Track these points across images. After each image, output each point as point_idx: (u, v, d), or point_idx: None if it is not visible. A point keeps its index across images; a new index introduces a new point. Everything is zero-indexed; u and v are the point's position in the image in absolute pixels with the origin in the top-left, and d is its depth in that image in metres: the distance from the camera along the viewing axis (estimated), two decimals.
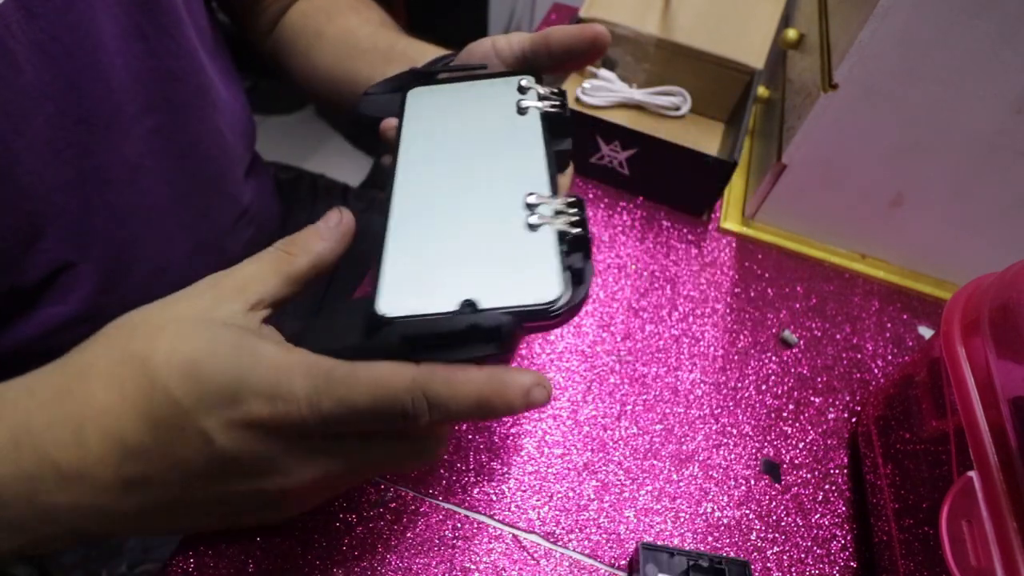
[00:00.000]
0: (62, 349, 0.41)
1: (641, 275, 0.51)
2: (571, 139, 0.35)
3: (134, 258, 0.43)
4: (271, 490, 0.24)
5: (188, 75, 0.42)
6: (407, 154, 0.35)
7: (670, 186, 0.55)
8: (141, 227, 0.42)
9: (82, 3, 0.34)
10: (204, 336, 0.23)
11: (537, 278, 0.26)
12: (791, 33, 0.56)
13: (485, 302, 0.25)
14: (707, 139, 0.61)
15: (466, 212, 0.30)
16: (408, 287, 0.27)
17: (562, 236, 0.28)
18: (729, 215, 0.56)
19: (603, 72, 0.63)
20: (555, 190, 0.30)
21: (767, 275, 0.53)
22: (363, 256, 0.66)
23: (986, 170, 0.46)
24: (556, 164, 0.34)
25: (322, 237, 0.28)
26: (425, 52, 0.45)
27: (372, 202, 0.71)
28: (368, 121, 0.38)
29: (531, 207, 0.29)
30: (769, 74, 0.64)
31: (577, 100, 0.62)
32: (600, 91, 0.62)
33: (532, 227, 0.28)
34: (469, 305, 0.25)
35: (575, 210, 0.29)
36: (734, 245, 0.55)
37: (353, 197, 0.71)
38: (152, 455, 0.23)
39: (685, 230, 0.55)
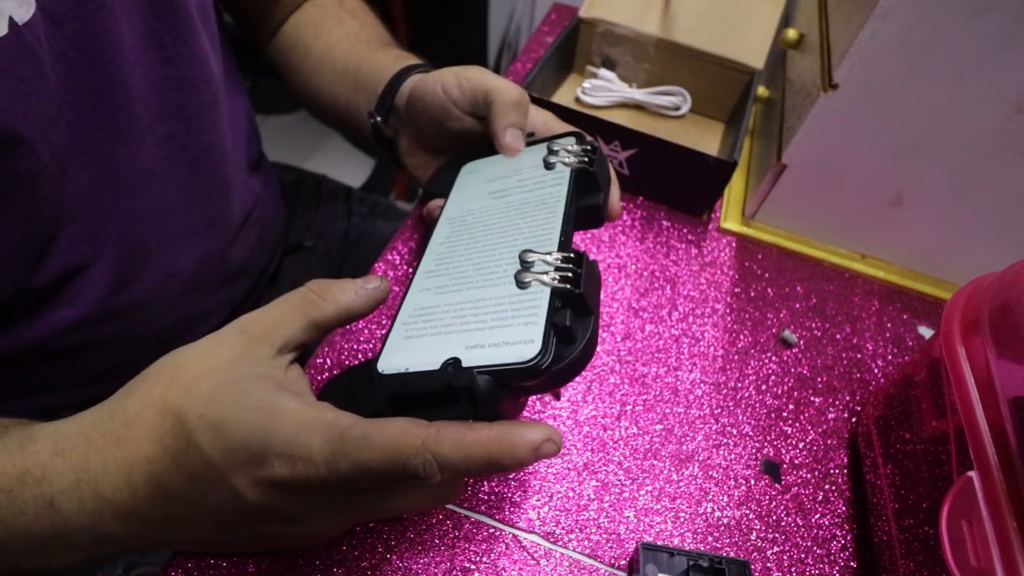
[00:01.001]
0: (67, 351, 0.42)
1: (641, 275, 0.51)
2: (603, 193, 0.34)
3: (144, 263, 0.43)
4: (298, 534, 0.28)
5: (201, 83, 0.43)
6: (443, 223, 0.36)
7: (670, 186, 0.55)
8: (153, 232, 0.43)
9: (104, 12, 0.34)
10: (232, 396, 0.25)
11: (521, 337, 0.26)
12: (791, 33, 0.56)
13: (468, 361, 0.25)
14: (707, 139, 0.61)
15: (478, 273, 0.30)
16: (408, 345, 0.28)
17: (557, 293, 0.27)
18: (729, 215, 0.56)
19: (603, 72, 0.63)
20: (565, 246, 0.29)
21: (767, 275, 0.53)
22: (366, 261, 0.66)
23: (986, 170, 0.46)
24: (582, 219, 0.34)
25: (356, 293, 0.29)
26: (380, 73, 0.45)
27: (375, 206, 0.71)
28: (436, 196, 0.40)
29: (525, 264, 0.29)
30: (769, 74, 0.64)
31: (577, 100, 0.62)
32: (600, 91, 0.62)
33: (521, 285, 0.28)
34: (452, 364, 0.26)
35: (570, 265, 0.28)
36: (734, 245, 0.55)
37: (356, 200, 0.71)
38: (190, 501, 0.26)
39: (685, 230, 0.55)
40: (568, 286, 0.27)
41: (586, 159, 0.34)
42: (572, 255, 0.28)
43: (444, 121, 0.40)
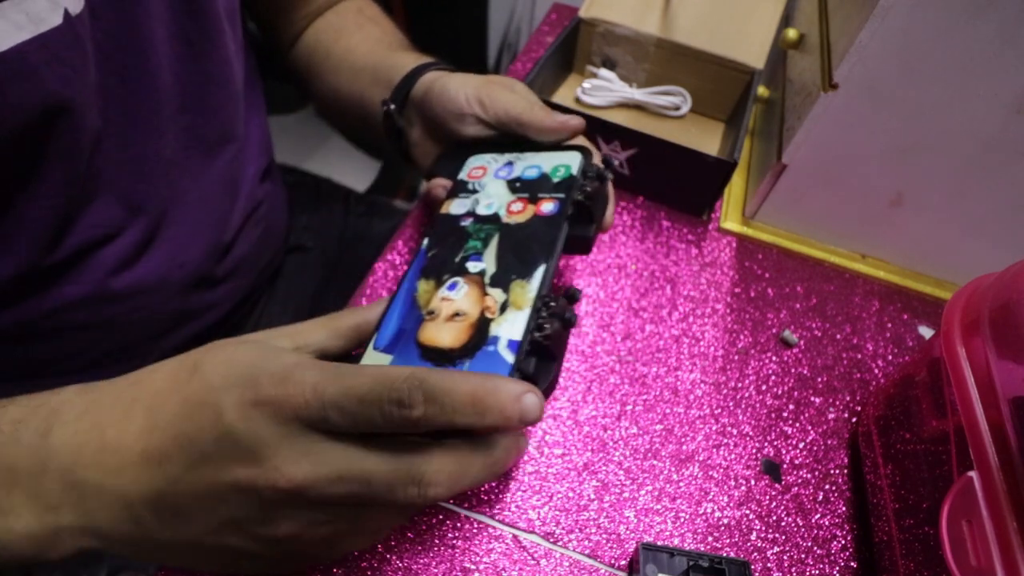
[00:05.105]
0: (69, 329, 0.43)
1: (641, 275, 0.51)
2: (594, 226, 0.35)
3: (153, 248, 0.45)
4: (262, 487, 0.24)
5: (223, 81, 0.45)
6: (442, 219, 0.37)
7: (670, 186, 0.55)
8: (166, 219, 0.44)
9: (138, 7, 0.37)
10: (250, 344, 0.27)
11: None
12: (791, 33, 0.56)
13: None
14: (707, 139, 0.61)
15: (462, 294, 0.31)
16: (385, 356, 0.29)
17: (530, 333, 0.28)
18: (729, 215, 0.56)
19: (603, 72, 0.63)
20: (540, 290, 0.30)
21: (767, 275, 0.53)
22: (363, 260, 0.67)
23: (986, 170, 0.46)
24: (571, 246, 0.34)
25: (371, 308, 0.32)
26: (398, 69, 0.46)
27: (372, 205, 0.71)
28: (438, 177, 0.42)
29: (504, 307, 0.30)
30: (769, 74, 0.64)
31: (577, 100, 0.62)
32: (600, 91, 0.62)
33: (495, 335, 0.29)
34: None
35: (545, 312, 0.29)
36: (734, 245, 0.55)
37: (354, 201, 0.71)
38: (172, 429, 0.25)
39: (685, 230, 0.55)
40: (539, 334, 0.28)
41: (589, 189, 0.35)
42: (552, 303, 0.29)
43: (459, 125, 0.42)
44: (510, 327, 0.28)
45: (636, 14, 0.60)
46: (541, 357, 0.28)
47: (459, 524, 0.36)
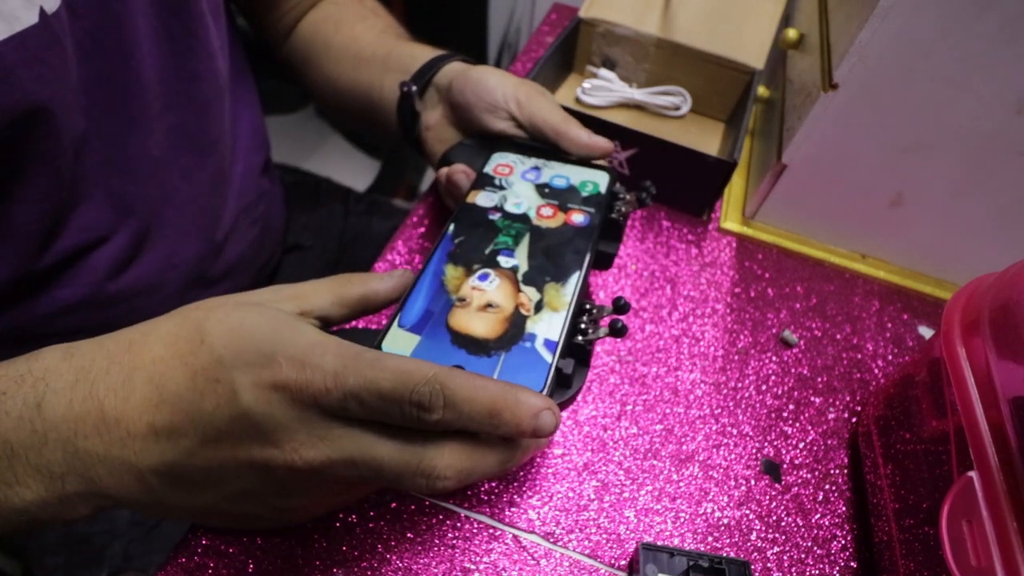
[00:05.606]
0: (61, 335, 0.43)
1: (641, 275, 0.51)
2: (619, 244, 0.37)
3: (146, 249, 0.44)
4: (277, 466, 0.24)
5: (209, 76, 0.44)
6: (469, 209, 0.37)
7: (670, 186, 0.55)
8: (157, 220, 0.44)
9: (119, 5, 0.36)
10: (255, 310, 0.26)
11: (524, 372, 0.27)
12: (791, 33, 0.56)
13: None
14: (707, 139, 0.61)
15: (495, 286, 0.32)
16: (413, 336, 0.29)
17: (569, 336, 0.29)
18: (729, 215, 0.56)
19: (603, 72, 0.63)
20: (576, 295, 0.31)
21: (767, 275, 0.53)
22: (362, 260, 0.67)
23: (986, 170, 0.46)
24: (595, 262, 0.35)
25: (381, 278, 0.31)
26: (416, 56, 0.47)
27: (372, 204, 0.71)
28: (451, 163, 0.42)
29: (539, 306, 0.31)
30: (769, 74, 0.64)
31: (577, 100, 0.62)
32: (600, 91, 0.62)
33: (533, 333, 0.30)
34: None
35: (586, 317, 0.30)
36: (734, 245, 0.55)
37: (354, 200, 0.71)
38: (183, 404, 0.24)
39: (685, 230, 0.55)
40: (580, 339, 0.29)
41: (624, 209, 0.37)
42: (593, 311, 0.31)
43: (488, 117, 0.42)
44: (547, 327, 0.29)
45: (636, 14, 0.60)
46: (578, 361, 0.29)
47: (459, 524, 0.36)
